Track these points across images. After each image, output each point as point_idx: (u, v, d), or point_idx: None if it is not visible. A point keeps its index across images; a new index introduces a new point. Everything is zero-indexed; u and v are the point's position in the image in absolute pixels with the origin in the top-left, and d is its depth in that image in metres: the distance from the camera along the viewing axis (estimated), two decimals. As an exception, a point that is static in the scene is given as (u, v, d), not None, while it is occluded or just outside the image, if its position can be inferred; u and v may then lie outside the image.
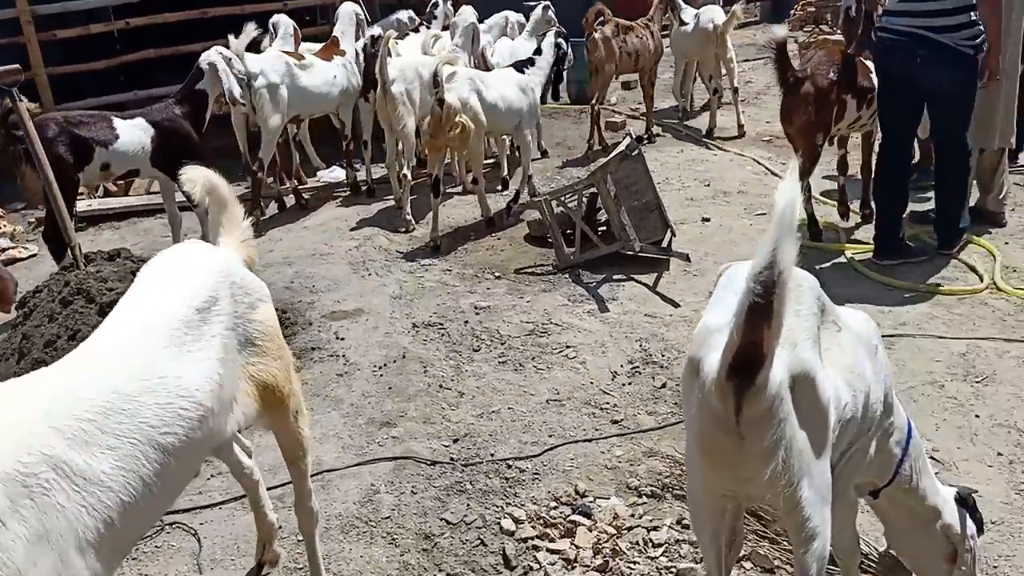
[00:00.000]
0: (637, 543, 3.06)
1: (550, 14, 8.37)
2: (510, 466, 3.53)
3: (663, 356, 4.42)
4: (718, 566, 2.15)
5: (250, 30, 6.56)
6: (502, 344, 4.63)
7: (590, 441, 3.70)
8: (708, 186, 7.11)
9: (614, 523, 3.15)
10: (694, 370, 1.95)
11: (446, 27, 8.27)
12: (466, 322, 4.90)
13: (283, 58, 6.87)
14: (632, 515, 3.20)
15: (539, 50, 7.02)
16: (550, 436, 3.75)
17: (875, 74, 5.37)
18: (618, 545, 3.04)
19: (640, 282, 5.35)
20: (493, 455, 3.61)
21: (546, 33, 7.21)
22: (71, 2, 9.40)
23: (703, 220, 6.33)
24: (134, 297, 2.14)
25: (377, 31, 7.14)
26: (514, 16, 8.64)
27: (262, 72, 6.55)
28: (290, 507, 2.85)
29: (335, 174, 8.06)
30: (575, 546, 3.04)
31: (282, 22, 7.54)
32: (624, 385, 4.18)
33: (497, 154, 7.73)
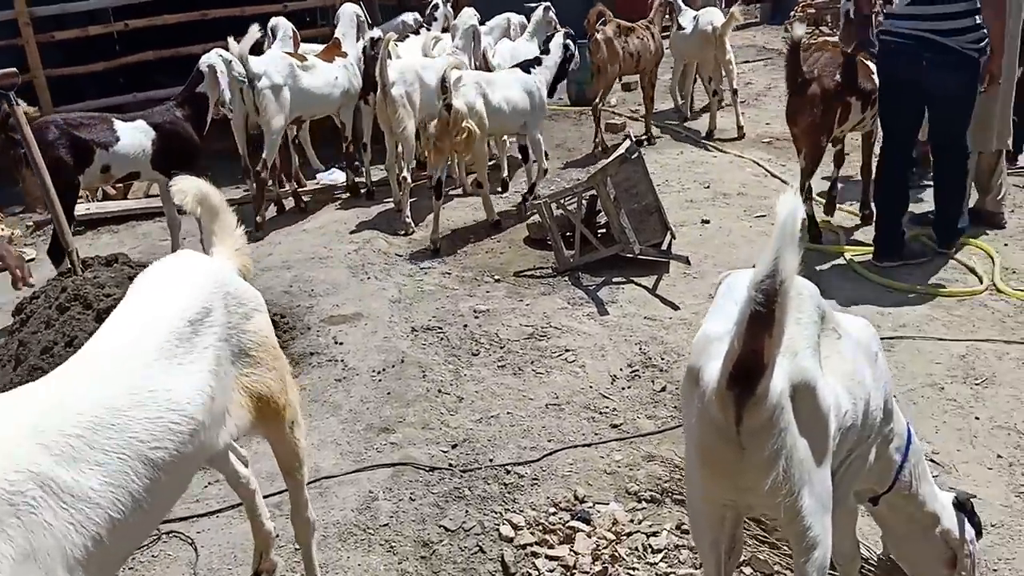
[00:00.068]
0: (636, 549, 3.05)
1: (551, 15, 8.34)
2: (509, 472, 3.52)
3: (663, 359, 4.41)
4: (718, 574, 2.14)
5: (254, 31, 6.54)
6: (501, 348, 4.62)
7: (589, 446, 3.69)
8: (708, 188, 7.10)
9: (613, 529, 3.14)
10: (694, 379, 1.94)
11: (446, 29, 8.26)
12: (465, 326, 4.89)
13: (286, 59, 6.87)
14: (631, 520, 3.19)
15: (547, 50, 7.02)
16: (549, 441, 3.74)
17: (877, 76, 5.36)
18: (617, 551, 3.03)
19: (640, 285, 5.34)
20: (492, 461, 3.60)
21: (553, 34, 7.20)
22: (70, 4, 9.39)
23: (703, 222, 6.32)
24: (125, 310, 2.12)
25: (377, 33, 7.12)
26: (516, 18, 8.61)
27: (265, 73, 6.54)
28: (288, 515, 2.83)
29: (333, 176, 8.04)
30: (574, 552, 3.03)
31: (281, 24, 7.52)
32: (624, 389, 4.17)
33: (497, 155, 7.72)
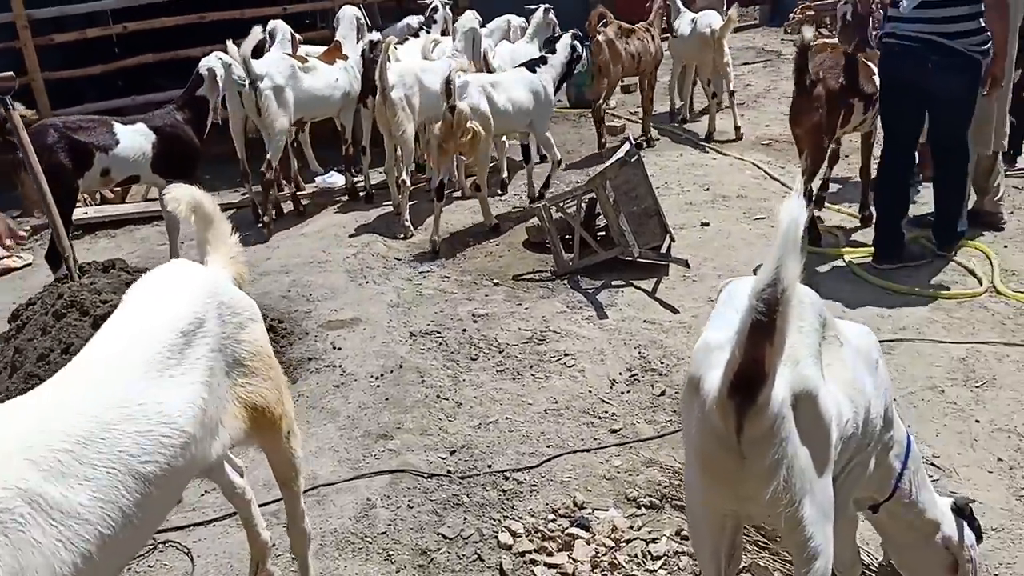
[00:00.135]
0: (636, 556, 3.03)
1: (551, 17, 8.32)
2: (508, 478, 3.50)
3: (662, 363, 4.39)
4: (718, 582, 2.12)
5: (255, 33, 6.55)
6: (500, 352, 4.60)
7: (588, 451, 3.67)
8: (707, 190, 7.08)
9: (612, 535, 3.12)
10: (694, 388, 1.92)
11: (445, 31, 8.25)
12: (464, 330, 4.87)
13: (287, 60, 6.88)
14: (631, 527, 3.17)
15: (553, 50, 7.01)
16: (548, 446, 3.72)
17: (879, 77, 5.34)
18: (616, 558, 3.01)
19: (639, 288, 5.32)
20: (491, 467, 3.58)
21: (552, 36, 7.19)
22: (68, 6, 9.37)
23: (702, 225, 6.30)
24: (117, 321, 2.10)
25: (376, 36, 7.11)
26: (516, 20, 8.59)
27: (268, 74, 6.53)
28: (285, 524, 2.81)
29: (332, 179, 8.02)
30: (573, 560, 3.02)
31: (279, 28, 7.50)
32: (623, 393, 4.15)
33: (496, 158, 7.70)
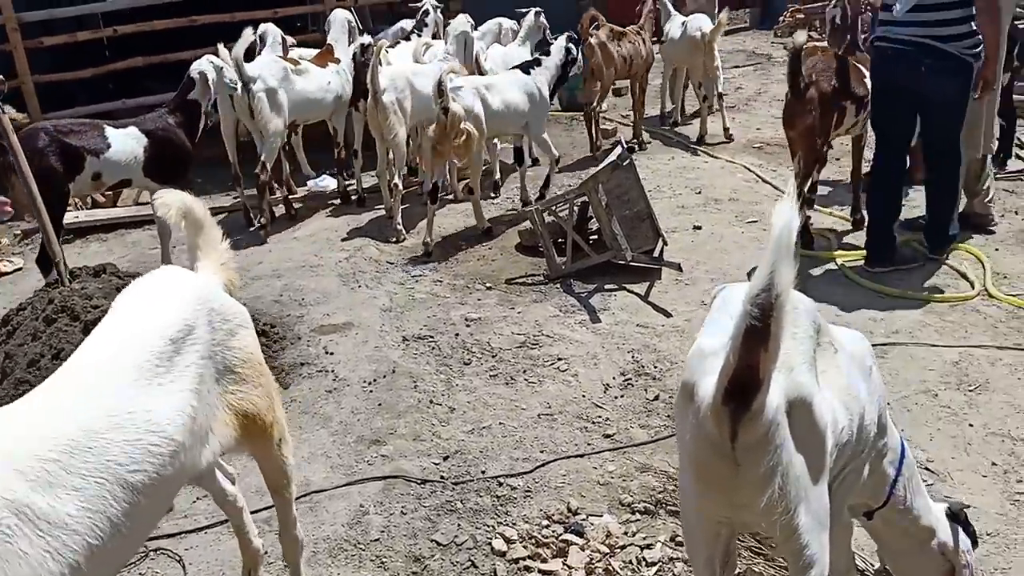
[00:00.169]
0: (630, 562, 3.02)
1: (542, 20, 8.34)
2: (501, 484, 3.48)
3: (655, 367, 4.38)
4: (713, 590, 2.11)
5: (248, 34, 6.54)
6: (493, 357, 4.59)
7: (582, 456, 3.66)
8: (699, 194, 7.09)
9: (607, 541, 3.11)
10: (688, 394, 1.91)
11: (436, 35, 8.24)
12: (457, 335, 4.86)
13: (280, 62, 6.89)
14: (625, 533, 3.16)
15: (547, 52, 7.01)
16: (542, 452, 3.71)
17: (872, 81, 5.35)
18: (611, 565, 3.00)
19: (632, 292, 5.32)
20: (484, 472, 3.56)
21: (543, 39, 7.19)
22: (58, 9, 9.35)
23: (695, 228, 6.30)
24: (105, 329, 2.08)
25: (367, 40, 7.10)
26: (507, 23, 8.60)
27: (260, 76, 6.54)
28: (277, 531, 2.79)
29: (324, 183, 8.00)
30: (567, 566, 3.00)
31: (270, 31, 7.49)
32: (616, 398, 4.14)
33: (489, 161, 7.69)
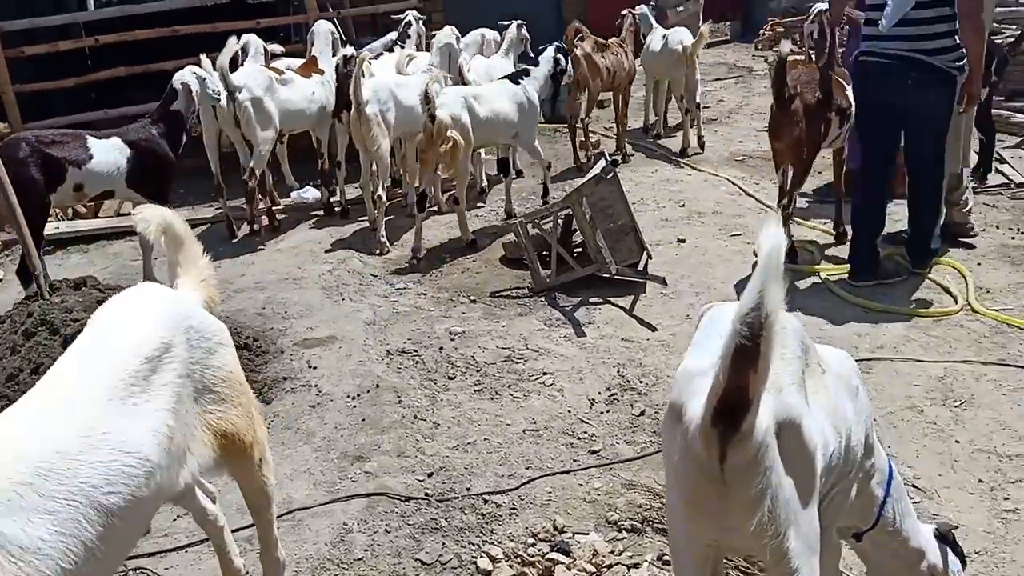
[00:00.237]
0: (617, 581, 3.00)
1: (524, 33, 8.35)
2: (486, 501, 3.45)
3: (641, 382, 4.37)
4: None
5: (232, 44, 6.53)
6: (478, 371, 4.56)
7: (568, 473, 3.63)
8: (683, 206, 7.09)
9: (593, 560, 3.08)
10: (676, 415, 1.89)
11: (419, 47, 8.24)
12: (441, 348, 4.83)
13: (265, 72, 6.89)
14: (612, 551, 3.13)
15: (536, 62, 7.02)
16: (527, 468, 3.68)
17: (858, 96, 5.36)
18: (597, 583, 2.97)
19: (616, 305, 5.30)
20: (469, 489, 3.53)
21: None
22: (40, 18, 9.27)
23: (678, 241, 6.30)
24: (81, 347, 2.04)
25: (350, 51, 7.08)
26: (490, 34, 8.61)
27: (246, 86, 6.52)
28: (259, 550, 2.75)
29: (307, 194, 7.96)
30: (553, 586, 2.98)
31: (252, 42, 7.47)
32: (602, 413, 4.12)
33: (474, 172, 7.68)
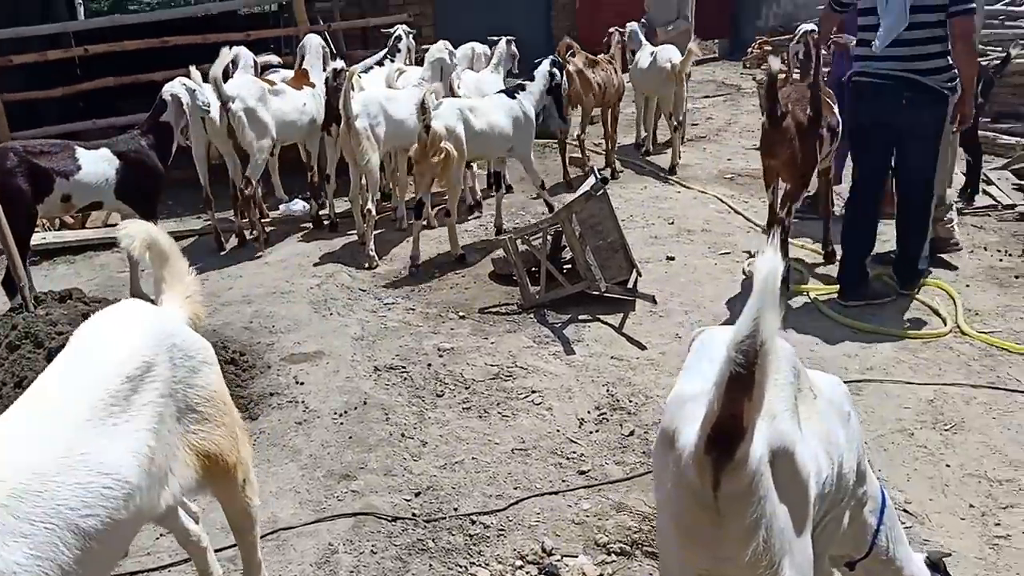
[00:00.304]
0: (605, 605, 2.97)
1: (514, 48, 8.37)
2: (474, 522, 3.42)
3: (630, 402, 4.34)
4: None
5: (226, 54, 6.52)
6: (466, 389, 4.53)
7: (556, 494, 3.60)
8: (672, 224, 7.09)
9: (582, 583, 3.06)
10: (668, 441, 1.86)
11: (409, 61, 8.24)
12: (429, 365, 4.80)
13: (257, 82, 6.91)
14: (601, 575, 3.10)
15: (531, 77, 7.04)
16: (515, 488, 3.65)
17: (854, 117, 5.37)
18: (586, 607, 2.94)
19: (606, 323, 5.29)
20: (457, 510, 3.49)
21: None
22: (29, 27, 9.24)
23: (668, 259, 6.29)
24: (61, 365, 2.01)
25: (340, 64, 7.07)
26: (480, 48, 8.62)
27: (239, 96, 6.52)
28: (243, 571, 2.71)
29: (296, 207, 7.94)
30: (542, 609, 2.94)
31: (242, 54, 7.44)
32: (591, 433, 4.09)
33: (464, 187, 7.67)
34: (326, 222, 7.49)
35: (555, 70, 7.06)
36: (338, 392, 4.54)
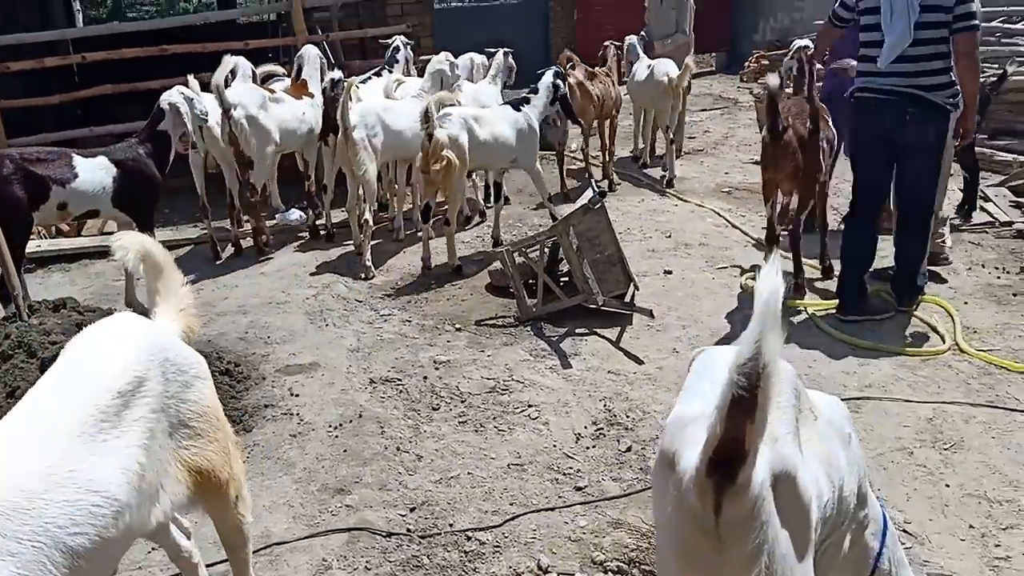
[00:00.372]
0: (602, 624, 2.93)
1: (510, 61, 8.37)
2: (469, 538, 3.38)
3: (628, 417, 4.31)
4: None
5: (228, 61, 6.54)
6: (462, 402, 4.50)
7: (553, 510, 3.56)
8: (669, 237, 7.08)
9: (578, 602, 3.02)
10: (668, 464, 1.83)
11: (407, 71, 8.24)
12: (425, 378, 4.77)
13: (258, 90, 6.92)
14: (597, 593, 3.07)
15: (535, 89, 7.04)
16: (511, 504, 3.61)
17: (852, 131, 5.38)
18: (582, 627, 2.91)
19: (603, 337, 5.26)
20: (452, 526, 3.46)
21: (543, 72, 7.21)
22: (27, 34, 9.21)
23: (665, 272, 6.28)
24: (52, 380, 1.98)
25: (338, 75, 7.06)
26: (479, 58, 8.63)
27: (240, 103, 6.52)
28: (236, 588, 2.68)
29: (291, 216, 7.92)
30: (537, 628, 2.91)
31: (241, 64, 7.43)
32: (588, 448, 4.06)
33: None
34: (323, 232, 7.47)
35: (559, 81, 7.07)
36: (333, 404, 4.50)
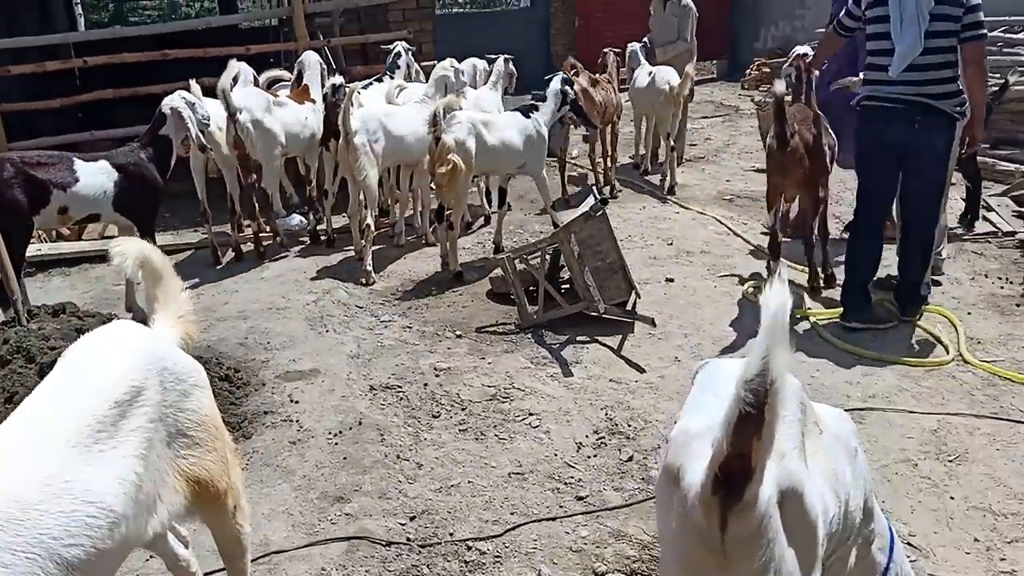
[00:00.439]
0: (603, 636, 2.91)
1: (511, 68, 8.36)
2: (470, 547, 3.36)
3: (629, 426, 4.29)
4: None
5: (233, 66, 6.55)
6: (463, 410, 4.47)
7: (554, 520, 3.54)
8: (671, 245, 7.06)
9: (579, 614, 3.00)
10: (674, 479, 1.81)
11: (408, 77, 8.23)
12: (425, 385, 4.74)
13: (263, 94, 6.95)
14: (598, 605, 3.04)
15: (543, 97, 7.04)
16: (512, 514, 3.59)
17: (859, 138, 5.36)
18: (583, 639, 2.88)
19: (604, 344, 5.24)
20: (452, 535, 3.43)
21: (552, 78, 7.21)
22: (28, 38, 9.20)
23: (667, 280, 6.25)
24: (49, 389, 1.95)
25: (339, 80, 7.05)
26: (481, 64, 8.62)
27: (246, 107, 6.55)
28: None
29: (292, 221, 7.90)
30: (538, 640, 2.88)
31: (243, 69, 7.41)
32: (589, 458, 4.03)
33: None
34: (323, 237, 7.45)
35: (566, 88, 7.06)
36: (333, 411, 4.48)
